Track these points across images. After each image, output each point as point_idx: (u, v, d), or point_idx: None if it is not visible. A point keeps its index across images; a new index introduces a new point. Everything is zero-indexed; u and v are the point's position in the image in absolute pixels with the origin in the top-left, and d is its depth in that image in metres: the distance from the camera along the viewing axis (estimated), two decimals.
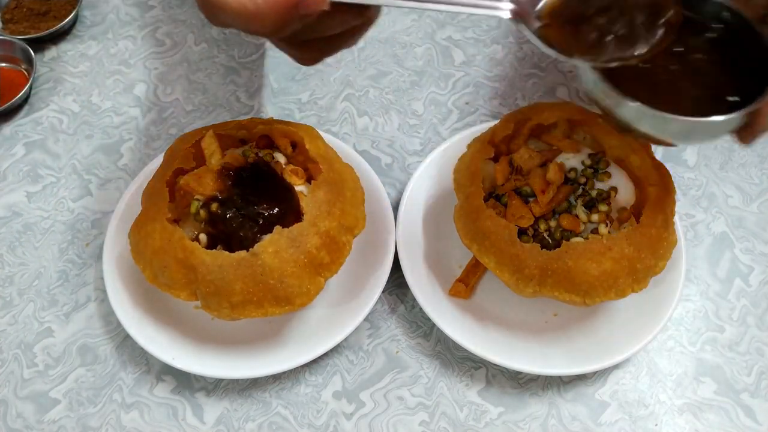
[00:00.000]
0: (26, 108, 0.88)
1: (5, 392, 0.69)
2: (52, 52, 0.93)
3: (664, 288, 0.68)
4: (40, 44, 0.93)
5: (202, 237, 0.63)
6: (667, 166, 0.79)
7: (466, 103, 0.88)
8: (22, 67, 0.89)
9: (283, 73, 0.91)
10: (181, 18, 0.96)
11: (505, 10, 0.48)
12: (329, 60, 0.91)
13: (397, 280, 0.73)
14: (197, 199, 0.64)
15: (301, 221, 0.61)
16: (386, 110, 0.87)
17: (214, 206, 0.63)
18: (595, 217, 0.64)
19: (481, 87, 0.89)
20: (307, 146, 0.67)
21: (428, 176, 0.76)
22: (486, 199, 0.65)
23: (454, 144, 0.78)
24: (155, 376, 0.69)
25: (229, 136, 0.70)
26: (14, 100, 0.84)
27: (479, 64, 0.91)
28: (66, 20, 0.92)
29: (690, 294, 0.74)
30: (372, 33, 0.94)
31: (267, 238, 0.60)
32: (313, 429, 0.66)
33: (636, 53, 0.49)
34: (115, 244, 0.72)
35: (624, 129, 0.54)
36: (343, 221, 0.64)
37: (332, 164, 0.67)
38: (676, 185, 0.67)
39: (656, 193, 0.63)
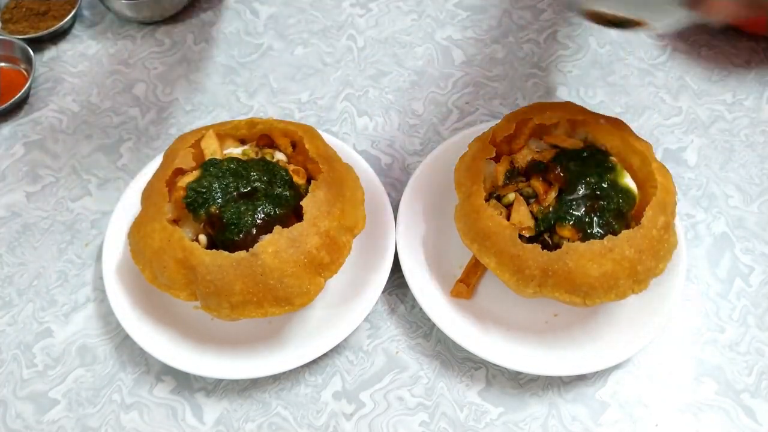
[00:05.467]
0: (25, 108, 0.88)
1: (4, 392, 0.69)
2: (51, 51, 0.93)
3: (664, 288, 0.68)
4: (39, 44, 0.93)
5: (202, 238, 0.63)
6: (668, 166, 0.79)
7: (466, 103, 0.88)
8: (22, 66, 0.89)
9: (283, 73, 0.91)
10: (181, 18, 0.96)
11: None
12: (329, 60, 0.91)
13: (397, 280, 0.73)
14: None
15: (301, 221, 0.61)
16: (386, 110, 0.87)
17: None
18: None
19: (481, 87, 0.89)
20: (307, 146, 0.67)
21: (428, 176, 0.76)
22: (487, 199, 0.65)
23: (454, 144, 0.78)
24: (155, 376, 0.69)
25: (228, 135, 0.70)
26: (14, 99, 0.84)
27: (479, 64, 0.91)
28: (65, 20, 0.91)
29: (690, 294, 0.74)
30: (372, 33, 0.94)
31: (267, 238, 0.60)
32: (312, 429, 0.66)
33: None
34: (114, 244, 0.72)
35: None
36: (343, 221, 0.64)
37: (332, 164, 0.67)
38: (676, 185, 0.67)
39: (657, 194, 0.63)
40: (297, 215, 0.63)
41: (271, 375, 0.66)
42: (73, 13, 0.92)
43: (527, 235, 0.63)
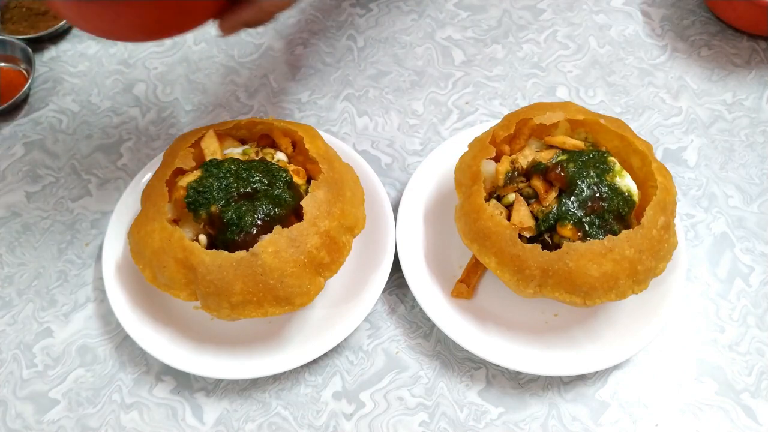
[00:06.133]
0: (25, 108, 0.88)
1: (4, 392, 0.68)
2: (51, 51, 0.93)
3: (664, 288, 0.68)
4: (39, 44, 0.93)
5: (202, 237, 0.63)
6: (668, 166, 0.79)
7: (466, 103, 0.88)
8: (22, 66, 0.89)
9: (283, 72, 0.91)
10: None
11: None
12: (329, 60, 0.91)
13: (397, 280, 0.73)
14: None
15: (301, 221, 0.61)
16: (386, 110, 0.87)
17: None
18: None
19: (481, 87, 0.89)
20: (307, 146, 0.67)
21: (428, 176, 0.76)
22: (487, 199, 0.65)
23: (454, 144, 0.78)
24: (155, 376, 0.69)
25: (228, 135, 0.70)
26: (13, 99, 0.84)
27: (479, 64, 0.91)
28: (65, 20, 0.91)
29: (690, 294, 0.74)
30: (372, 33, 0.94)
31: (267, 238, 0.60)
32: (312, 429, 0.66)
33: None
34: (114, 244, 0.72)
35: None
36: (343, 221, 0.64)
37: (332, 164, 0.67)
38: (676, 185, 0.67)
39: (657, 194, 0.63)
40: (297, 215, 0.63)
41: (271, 375, 0.66)
42: None
43: (528, 235, 0.63)
